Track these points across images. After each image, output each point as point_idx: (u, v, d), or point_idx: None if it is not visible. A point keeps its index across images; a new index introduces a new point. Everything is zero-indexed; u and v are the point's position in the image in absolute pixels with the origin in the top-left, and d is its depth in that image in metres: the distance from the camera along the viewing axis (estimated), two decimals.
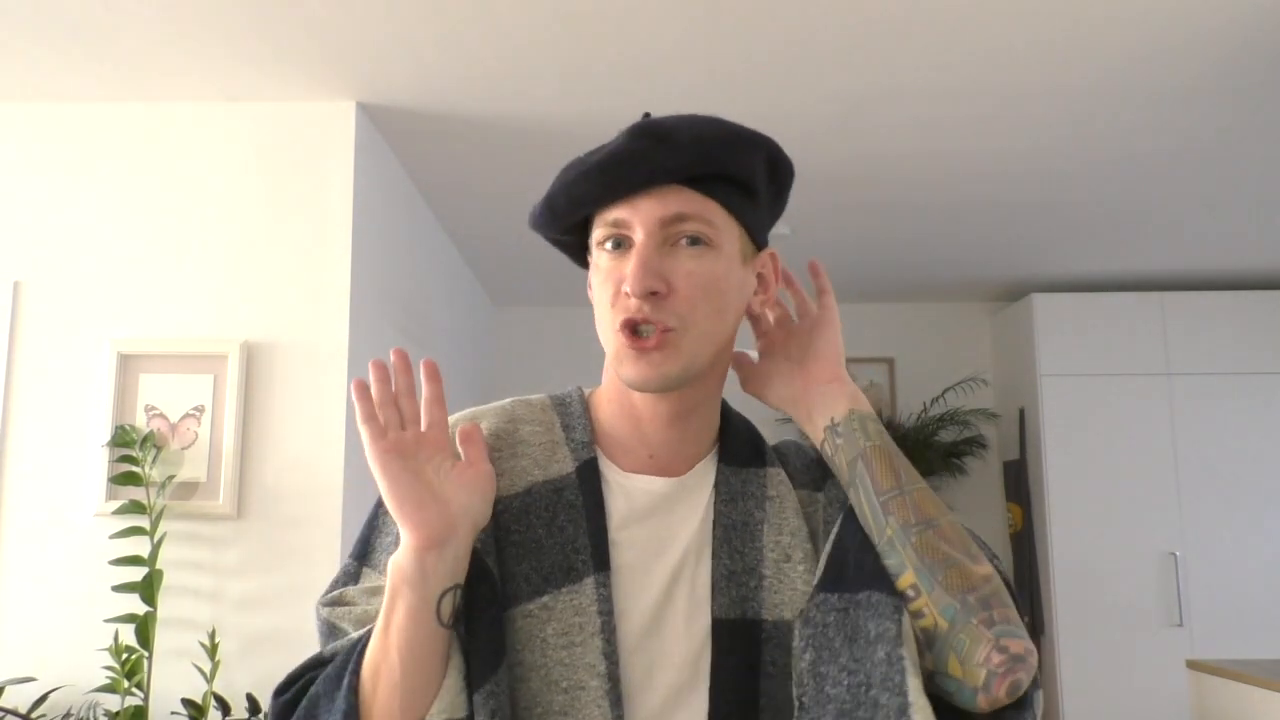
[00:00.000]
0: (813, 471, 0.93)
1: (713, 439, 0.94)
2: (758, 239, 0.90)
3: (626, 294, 0.82)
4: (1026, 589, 4.49)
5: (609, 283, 0.85)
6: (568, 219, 0.88)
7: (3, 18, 2.25)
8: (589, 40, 2.36)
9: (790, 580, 0.86)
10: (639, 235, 0.83)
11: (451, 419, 0.92)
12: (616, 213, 0.85)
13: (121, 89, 2.62)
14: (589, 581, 0.84)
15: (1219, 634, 4.27)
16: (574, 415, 0.94)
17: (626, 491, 0.89)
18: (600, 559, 0.84)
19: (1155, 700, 4.22)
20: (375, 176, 2.86)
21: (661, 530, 0.88)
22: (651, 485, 0.89)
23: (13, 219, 2.63)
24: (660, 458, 0.91)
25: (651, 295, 0.82)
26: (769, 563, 0.86)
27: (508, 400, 0.96)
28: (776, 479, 0.91)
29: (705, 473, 0.91)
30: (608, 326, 0.86)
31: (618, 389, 0.91)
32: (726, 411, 0.97)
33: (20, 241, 2.62)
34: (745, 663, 0.83)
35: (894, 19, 2.27)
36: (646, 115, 0.91)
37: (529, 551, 0.85)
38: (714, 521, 0.88)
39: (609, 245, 0.86)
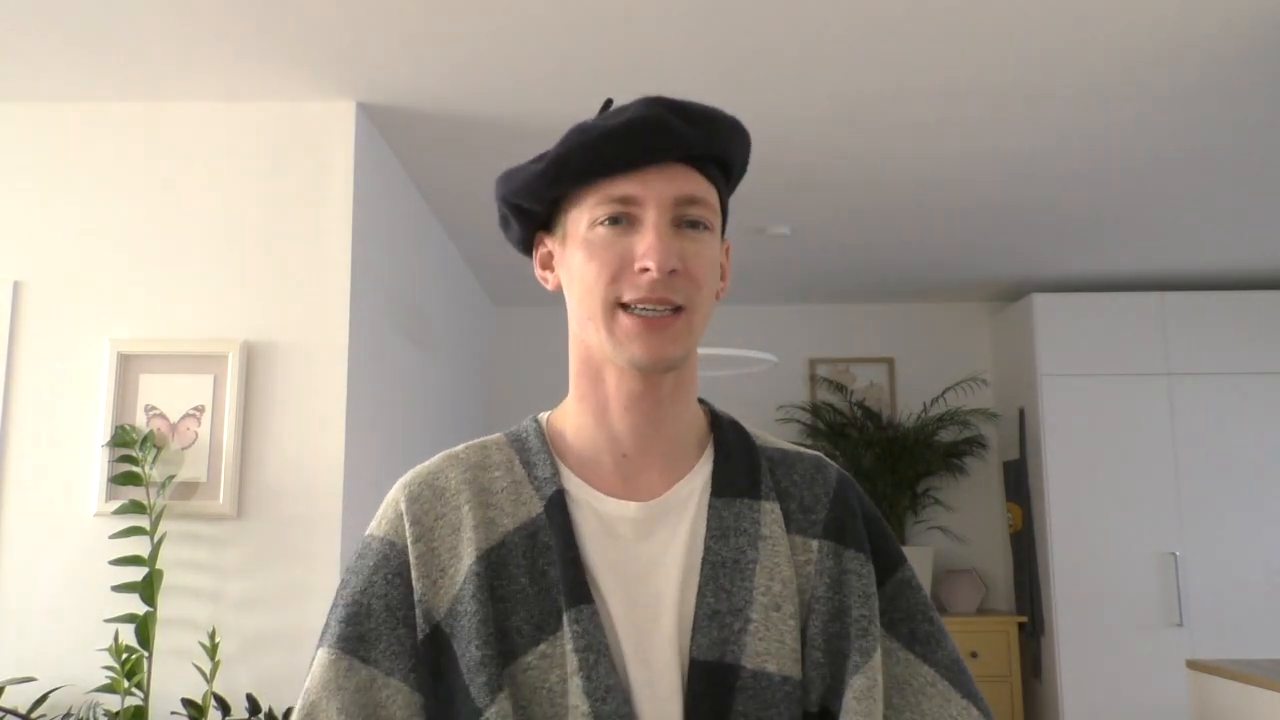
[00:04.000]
0: (813, 512, 0.88)
1: (695, 453, 0.90)
2: (724, 227, 0.92)
3: (640, 271, 0.81)
4: (1027, 589, 4.50)
5: (608, 259, 0.83)
6: (575, 184, 0.85)
7: (3, 18, 2.26)
8: (589, 41, 2.36)
9: (778, 631, 0.82)
10: (651, 213, 0.82)
11: (408, 476, 0.90)
12: (626, 188, 0.83)
13: (122, 89, 2.62)
14: (568, 618, 0.81)
15: (1219, 634, 4.26)
16: (533, 450, 0.89)
17: (601, 517, 0.85)
18: (578, 594, 0.81)
19: (1155, 700, 4.22)
20: (375, 176, 2.86)
21: (642, 557, 0.84)
22: (625, 511, 0.85)
23: (13, 219, 2.63)
24: (635, 468, 0.87)
25: (670, 274, 0.82)
26: (758, 607, 0.82)
27: (460, 447, 0.92)
28: (770, 517, 0.86)
29: (687, 496, 0.87)
30: (601, 304, 0.83)
31: (589, 381, 0.88)
32: (719, 424, 0.92)
33: (20, 241, 2.62)
34: (714, 710, 0.79)
35: (894, 19, 2.28)
36: (609, 102, 0.91)
37: (519, 603, 0.82)
38: (703, 558, 0.84)
39: (606, 222, 0.83)
